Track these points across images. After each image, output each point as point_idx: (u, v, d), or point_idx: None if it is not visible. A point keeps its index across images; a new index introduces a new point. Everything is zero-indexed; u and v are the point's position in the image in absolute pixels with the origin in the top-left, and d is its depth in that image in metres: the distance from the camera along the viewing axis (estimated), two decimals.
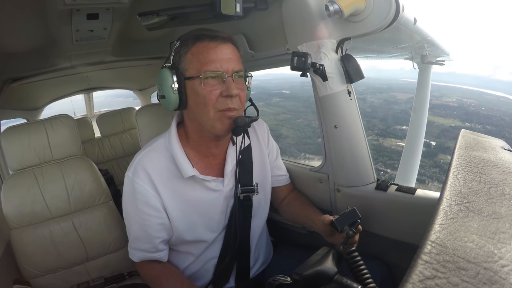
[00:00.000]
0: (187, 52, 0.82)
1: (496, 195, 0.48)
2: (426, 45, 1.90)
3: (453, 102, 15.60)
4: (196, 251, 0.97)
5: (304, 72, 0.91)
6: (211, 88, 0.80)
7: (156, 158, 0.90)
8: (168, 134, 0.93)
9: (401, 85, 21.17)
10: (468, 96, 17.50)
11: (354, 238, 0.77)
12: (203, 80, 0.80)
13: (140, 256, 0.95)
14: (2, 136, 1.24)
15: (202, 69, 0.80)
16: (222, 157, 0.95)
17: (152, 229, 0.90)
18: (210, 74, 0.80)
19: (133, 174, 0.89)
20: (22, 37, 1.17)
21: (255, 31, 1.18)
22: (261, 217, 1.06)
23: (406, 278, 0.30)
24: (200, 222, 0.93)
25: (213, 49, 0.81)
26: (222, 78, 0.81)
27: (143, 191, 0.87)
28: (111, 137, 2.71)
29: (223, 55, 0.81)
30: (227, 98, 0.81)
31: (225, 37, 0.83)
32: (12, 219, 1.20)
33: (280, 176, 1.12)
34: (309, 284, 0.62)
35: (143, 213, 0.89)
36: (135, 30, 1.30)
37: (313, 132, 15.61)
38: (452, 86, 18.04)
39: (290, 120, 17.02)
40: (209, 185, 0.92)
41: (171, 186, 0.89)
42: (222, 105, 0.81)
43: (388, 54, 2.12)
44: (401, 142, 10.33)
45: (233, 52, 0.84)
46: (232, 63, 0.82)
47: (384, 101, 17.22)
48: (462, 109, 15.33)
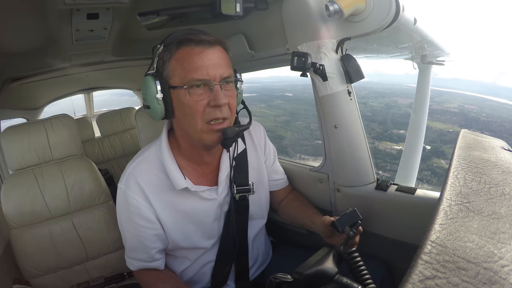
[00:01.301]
0: (170, 58, 0.77)
1: (496, 195, 0.48)
2: (426, 45, 1.90)
3: (454, 108, 15.64)
4: (193, 257, 0.97)
5: (304, 72, 0.91)
6: (197, 98, 0.75)
7: (147, 169, 0.87)
8: (159, 143, 0.90)
9: (404, 90, 21.24)
10: (470, 102, 17.54)
11: (355, 239, 0.77)
12: (188, 90, 0.75)
13: (137, 266, 0.94)
14: (2, 136, 1.24)
15: (187, 78, 0.74)
16: (216, 165, 0.93)
17: (148, 240, 0.89)
18: (195, 83, 0.74)
19: (125, 186, 0.87)
20: (22, 37, 1.16)
21: (255, 31, 1.17)
22: (259, 220, 1.05)
23: (406, 278, 0.30)
24: (195, 231, 0.92)
25: (198, 55, 0.75)
26: (209, 86, 0.75)
27: (136, 204, 0.85)
28: (111, 137, 2.71)
29: (209, 61, 0.75)
30: (215, 108, 0.76)
31: (212, 40, 0.76)
32: (12, 219, 1.20)
33: (277, 180, 1.11)
34: (310, 283, 0.62)
35: (137, 225, 0.87)
36: (135, 30, 1.30)
37: (310, 134, 15.75)
38: (454, 92, 18.11)
39: (289, 122, 17.10)
40: (202, 195, 0.90)
41: (164, 197, 0.87)
42: (210, 116, 0.76)
43: (388, 54, 2.12)
44: (396, 146, 10.43)
45: (221, 56, 0.78)
46: (220, 68, 0.76)
47: (385, 106, 17.31)
48: (462, 115, 15.38)
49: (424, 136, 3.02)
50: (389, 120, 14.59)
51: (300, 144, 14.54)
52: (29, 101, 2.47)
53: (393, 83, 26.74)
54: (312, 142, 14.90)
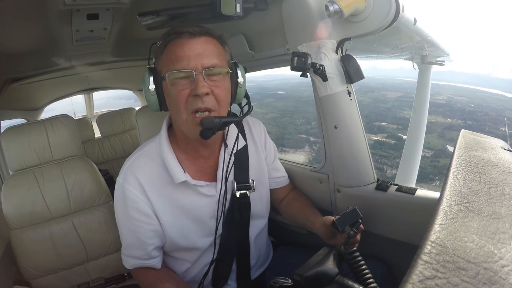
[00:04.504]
0: (162, 52, 0.80)
1: (496, 195, 0.48)
2: (426, 45, 1.90)
3: (442, 99, 15.63)
4: (192, 258, 0.96)
5: (304, 73, 0.91)
6: (180, 88, 0.76)
7: (146, 164, 0.87)
8: (158, 137, 0.90)
9: (396, 84, 21.30)
10: (460, 94, 17.56)
11: (356, 238, 0.77)
12: (169, 80, 0.77)
13: (133, 264, 0.93)
14: (2, 136, 1.24)
15: (169, 68, 0.77)
16: (215, 160, 0.92)
17: (144, 235, 0.88)
18: (176, 74, 0.76)
19: (123, 180, 0.87)
20: (22, 37, 1.17)
21: (255, 31, 1.18)
22: (260, 219, 1.05)
23: (406, 278, 0.30)
24: (193, 228, 0.92)
25: (180, 46, 0.76)
26: (192, 77, 0.76)
27: (133, 197, 0.85)
28: (111, 137, 2.71)
29: (190, 51, 0.76)
30: (196, 98, 0.76)
31: (195, 31, 0.77)
32: (12, 219, 1.20)
33: (278, 178, 1.10)
34: (310, 285, 0.62)
35: (134, 219, 0.87)
36: (135, 30, 1.30)
37: (294, 128, 16.24)
38: (446, 84, 18.07)
39: (277, 118, 17.37)
40: (201, 190, 0.89)
41: (162, 192, 0.87)
42: (192, 105, 0.76)
43: (388, 55, 2.12)
44: (374, 136, 10.48)
45: (206, 46, 0.77)
46: (204, 58, 0.76)
47: (372, 100, 17.39)
48: (448, 106, 15.39)
49: (424, 136, 3.02)
50: (373, 114, 14.79)
51: (283, 138, 14.87)
52: (29, 101, 2.48)
53: (386, 78, 26.78)
54: (294, 136, 15.37)
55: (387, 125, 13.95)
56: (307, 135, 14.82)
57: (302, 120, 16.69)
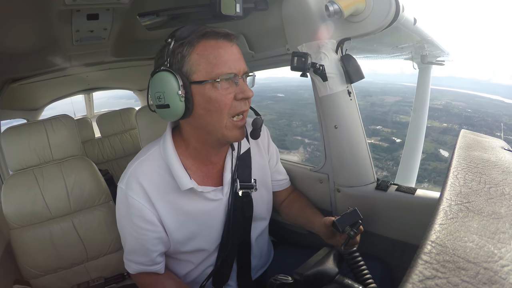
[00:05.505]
0: (191, 52, 0.74)
1: (496, 195, 0.48)
2: (426, 45, 1.90)
3: (440, 104, 15.71)
4: (196, 260, 0.95)
5: (304, 72, 0.91)
6: (225, 92, 0.75)
7: (150, 169, 0.84)
8: (162, 142, 0.87)
9: (396, 88, 21.47)
10: (458, 99, 17.67)
11: (356, 238, 0.77)
12: (220, 84, 0.74)
13: (136, 269, 0.91)
14: (2, 136, 1.24)
15: (215, 72, 0.73)
16: (221, 165, 0.91)
17: (149, 243, 0.86)
18: (225, 77, 0.74)
19: (126, 186, 0.83)
20: (22, 37, 1.16)
21: (255, 31, 1.18)
22: (261, 221, 1.05)
23: (406, 278, 0.30)
24: (200, 233, 0.90)
25: (224, 49, 0.75)
26: (234, 80, 0.76)
27: (137, 205, 0.82)
28: (111, 137, 2.71)
29: (233, 55, 0.76)
30: (241, 101, 0.77)
31: (232, 35, 0.77)
32: (12, 219, 1.20)
33: (280, 181, 1.11)
34: (310, 284, 0.62)
35: (138, 227, 0.84)
36: (135, 30, 1.30)
37: (290, 130, 16.46)
38: (445, 89, 18.17)
39: (274, 120, 17.56)
40: (208, 196, 0.88)
41: (168, 198, 0.84)
42: (236, 109, 0.77)
43: (388, 54, 2.12)
44: (368, 139, 10.82)
45: (238, 49, 0.79)
46: (242, 63, 0.78)
47: (370, 104, 17.54)
48: (445, 111, 15.48)
49: (424, 136, 3.02)
50: (369, 118, 14.93)
51: (279, 139, 14.99)
52: (29, 101, 2.48)
53: (386, 82, 26.93)
54: (290, 138, 15.56)
55: (381, 129, 14.08)
56: (302, 137, 15.01)
57: (298, 123, 16.78)
